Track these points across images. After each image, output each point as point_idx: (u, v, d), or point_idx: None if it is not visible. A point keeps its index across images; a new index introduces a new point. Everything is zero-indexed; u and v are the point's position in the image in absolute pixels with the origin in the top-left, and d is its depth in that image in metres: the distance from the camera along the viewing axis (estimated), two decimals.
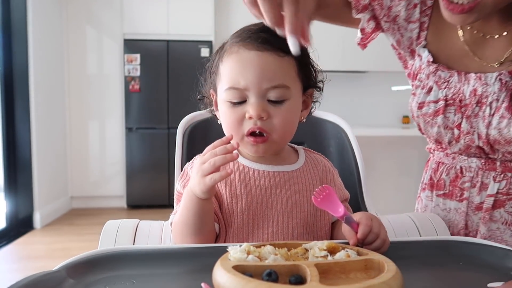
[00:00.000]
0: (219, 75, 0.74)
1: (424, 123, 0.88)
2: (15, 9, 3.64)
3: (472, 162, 0.87)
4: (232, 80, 0.69)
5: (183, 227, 0.69)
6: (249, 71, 0.68)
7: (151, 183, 4.48)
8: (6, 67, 3.60)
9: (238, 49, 0.70)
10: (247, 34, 0.71)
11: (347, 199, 0.82)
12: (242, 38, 0.71)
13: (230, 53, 0.71)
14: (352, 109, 4.85)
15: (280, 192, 0.73)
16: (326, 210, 0.64)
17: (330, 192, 0.64)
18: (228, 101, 0.70)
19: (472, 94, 0.82)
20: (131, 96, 4.44)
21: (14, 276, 2.55)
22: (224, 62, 0.72)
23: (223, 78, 0.72)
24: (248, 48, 0.69)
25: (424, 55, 0.88)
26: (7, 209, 3.59)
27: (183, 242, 0.70)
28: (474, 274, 0.58)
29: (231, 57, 0.71)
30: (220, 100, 0.73)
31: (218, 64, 0.74)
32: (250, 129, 0.69)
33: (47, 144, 3.99)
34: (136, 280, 0.53)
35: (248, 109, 0.68)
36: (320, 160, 0.81)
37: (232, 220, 0.71)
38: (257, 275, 0.47)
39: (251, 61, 0.68)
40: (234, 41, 0.72)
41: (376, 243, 0.62)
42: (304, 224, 0.73)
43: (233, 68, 0.70)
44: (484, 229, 0.87)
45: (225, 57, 0.72)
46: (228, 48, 0.72)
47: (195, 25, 4.50)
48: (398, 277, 0.46)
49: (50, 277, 0.50)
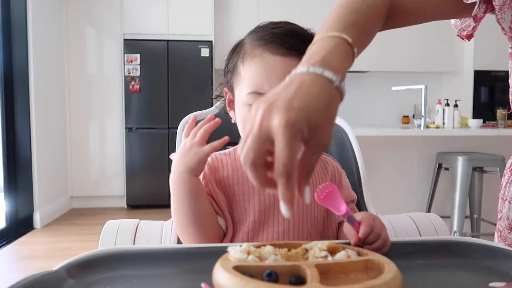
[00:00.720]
0: (238, 76, 0.73)
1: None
2: (15, 9, 3.64)
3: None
4: (256, 85, 0.69)
5: (179, 215, 0.69)
6: (275, 77, 0.67)
7: (151, 183, 4.48)
8: (6, 67, 3.60)
9: (261, 53, 0.69)
10: (271, 37, 0.70)
11: (353, 201, 0.83)
12: (266, 41, 0.70)
13: (253, 56, 0.70)
14: (352, 109, 4.85)
15: None
16: (329, 208, 0.64)
17: (333, 190, 0.63)
18: (249, 105, 0.70)
19: None
20: (131, 96, 4.44)
21: (14, 276, 2.54)
22: (247, 64, 0.71)
23: (245, 81, 0.71)
24: (272, 52, 0.69)
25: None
26: (7, 209, 3.59)
27: (185, 233, 0.69)
28: (475, 274, 0.58)
29: (254, 61, 0.70)
30: (239, 101, 0.73)
31: (238, 65, 0.73)
32: None
33: (47, 144, 3.99)
34: (136, 280, 0.53)
35: None
36: (328, 161, 0.82)
37: (244, 218, 0.71)
38: (257, 276, 0.46)
39: (277, 66, 0.68)
40: (256, 44, 0.71)
41: (378, 243, 0.62)
42: (315, 224, 0.73)
43: (257, 73, 0.69)
44: None
45: (247, 59, 0.71)
46: (249, 50, 0.71)
47: (195, 25, 4.51)
48: (398, 278, 0.46)
49: (50, 277, 0.50)
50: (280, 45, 0.68)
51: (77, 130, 4.52)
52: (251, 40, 0.72)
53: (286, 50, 0.68)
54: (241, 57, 0.73)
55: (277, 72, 0.68)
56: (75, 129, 4.51)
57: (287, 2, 4.76)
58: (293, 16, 4.96)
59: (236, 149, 0.79)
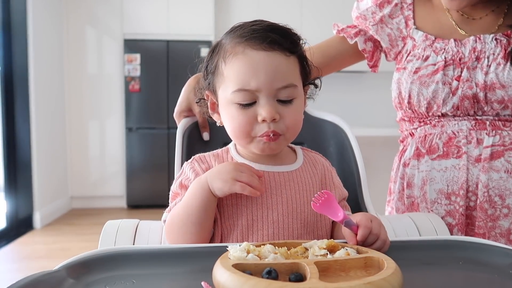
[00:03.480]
0: (221, 76, 0.72)
1: (419, 85, 0.96)
2: (15, 9, 3.64)
3: (462, 125, 0.94)
4: (241, 82, 0.68)
5: (183, 217, 0.68)
6: (261, 72, 0.67)
7: (151, 183, 4.48)
8: (6, 67, 3.60)
9: (243, 49, 0.68)
10: (252, 34, 0.69)
11: (345, 198, 0.82)
12: (246, 37, 0.69)
13: (235, 53, 0.69)
14: (352, 109, 4.85)
15: (280, 192, 0.72)
16: (326, 215, 0.64)
17: (329, 197, 0.63)
18: (236, 103, 0.69)
19: (472, 51, 0.94)
20: (131, 96, 4.44)
21: (14, 276, 2.55)
22: (229, 63, 0.70)
23: (230, 80, 0.70)
24: (255, 48, 0.68)
25: (417, 35, 1.00)
26: (7, 209, 3.59)
27: (178, 235, 0.69)
28: (474, 273, 0.58)
29: (237, 58, 0.69)
30: (225, 102, 0.71)
31: (219, 65, 0.72)
32: (264, 133, 0.68)
33: (47, 144, 4.00)
34: (136, 280, 0.53)
35: (260, 112, 0.67)
36: (318, 159, 0.81)
37: (232, 222, 0.70)
38: (257, 274, 0.47)
39: (262, 62, 0.67)
40: (236, 41, 0.70)
41: (377, 244, 0.62)
42: (305, 224, 0.72)
43: (242, 70, 0.68)
44: (485, 178, 0.91)
45: (229, 57, 0.70)
46: (229, 49, 0.70)
47: (195, 25, 4.51)
48: (398, 274, 0.46)
49: (50, 277, 0.50)
50: (262, 40, 0.67)
51: (77, 130, 4.52)
52: (231, 39, 0.71)
53: (268, 45, 0.67)
54: (221, 57, 0.71)
55: (262, 67, 0.67)
56: (75, 129, 4.51)
57: (287, 2, 4.76)
58: (293, 16, 4.93)
59: (224, 151, 0.78)
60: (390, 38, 1.04)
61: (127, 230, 0.80)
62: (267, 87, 0.67)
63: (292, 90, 0.69)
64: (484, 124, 0.93)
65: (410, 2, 1.03)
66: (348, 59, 1.11)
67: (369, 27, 1.04)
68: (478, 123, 0.93)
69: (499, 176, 0.91)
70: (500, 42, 0.93)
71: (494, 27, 0.96)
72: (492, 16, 0.98)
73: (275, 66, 0.68)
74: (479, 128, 0.93)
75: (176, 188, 0.75)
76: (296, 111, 0.71)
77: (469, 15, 0.98)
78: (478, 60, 0.93)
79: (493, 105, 0.92)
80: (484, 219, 0.92)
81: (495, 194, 0.91)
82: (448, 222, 0.95)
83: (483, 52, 0.93)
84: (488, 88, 0.91)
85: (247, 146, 0.72)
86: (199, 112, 0.97)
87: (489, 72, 0.91)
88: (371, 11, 1.04)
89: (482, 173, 0.91)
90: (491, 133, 0.92)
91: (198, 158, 0.77)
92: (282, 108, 0.69)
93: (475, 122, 0.93)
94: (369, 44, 1.07)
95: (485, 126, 0.93)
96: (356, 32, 1.06)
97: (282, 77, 0.68)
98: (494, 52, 0.92)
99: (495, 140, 0.92)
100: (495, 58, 0.92)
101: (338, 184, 0.81)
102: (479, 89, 0.91)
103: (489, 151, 0.92)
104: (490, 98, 0.91)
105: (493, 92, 0.91)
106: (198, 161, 0.76)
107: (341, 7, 4.31)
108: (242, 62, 0.68)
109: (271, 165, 0.74)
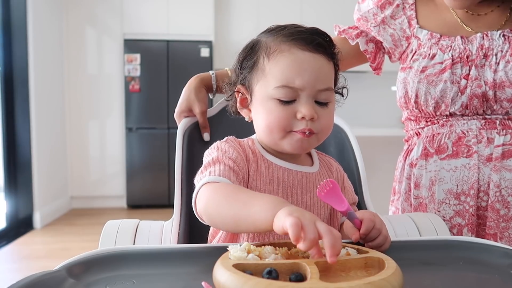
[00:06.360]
0: (261, 72, 0.72)
1: (426, 84, 0.94)
2: (15, 9, 3.64)
3: (472, 125, 0.93)
4: (286, 79, 0.68)
5: (214, 214, 0.63)
6: (306, 72, 0.68)
7: (151, 183, 4.48)
8: (6, 67, 3.60)
9: (290, 48, 0.69)
10: (298, 34, 0.70)
11: (355, 203, 0.83)
12: (293, 37, 0.70)
13: (281, 51, 0.70)
14: (352, 109, 4.84)
15: (301, 192, 0.73)
16: (330, 205, 0.64)
17: (335, 186, 0.63)
18: (276, 99, 0.69)
19: (480, 49, 0.93)
20: (131, 96, 4.44)
21: (14, 276, 2.55)
22: (273, 59, 0.70)
23: (272, 76, 0.70)
24: (301, 48, 0.69)
25: (422, 34, 1.00)
26: (7, 209, 3.59)
27: (213, 216, 0.64)
28: (474, 273, 0.58)
29: (283, 55, 0.69)
30: (264, 97, 0.71)
31: (260, 61, 0.72)
32: (300, 129, 0.69)
33: (47, 144, 3.99)
34: (136, 280, 0.53)
35: (300, 109, 0.68)
36: (333, 163, 0.83)
37: None
38: (257, 274, 0.47)
39: (308, 62, 0.69)
40: (282, 39, 0.70)
41: (379, 239, 0.63)
42: None
43: (288, 67, 0.69)
44: (497, 178, 0.91)
45: (273, 54, 0.70)
46: (274, 46, 0.71)
47: (195, 25, 4.51)
48: (398, 274, 0.46)
49: (50, 277, 0.50)
50: (310, 41, 0.69)
51: (77, 130, 4.52)
52: (274, 37, 0.72)
53: (314, 47, 0.69)
54: (264, 53, 0.72)
55: (307, 67, 0.68)
56: (75, 129, 4.51)
57: (287, 2, 4.76)
58: (293, 16, 4.93)
59: (250, 141, 0.77)
60: (393, 38, 1.03)
61: (127, 230, 0.80)
62: (309, 87, 0.69)
63: (329, 93, 0.71)
64: (494, 123, 0.92)
65: (412, 2, 1.03)
66: (350, 60, 1.10)
67: (371, 28, 1.04)
68: (487, 122, 0.92)
69: (510, 176, 0.91)
70: (508, 39, 0.92)
71: (500, 23, 0.95)
72: (498, 11, 0.97)
73: (319, 68, 0.69)
74: (489, 127, 0.92)
75: (213, 154, 0.72)
76: (330, 114, 0.73)
77: (474, 12, 0.98)
78: (486, 58, 0.92)
79: (502, 104, 0.91)
80: (496, 219, 0.91)
81: (508, 194, 0.91)
82: (458, 223, 0.94)
83: (491, 49, 0.92)
84: (497, 87, 0.90)
85: (279, 141, 0.71)
86: (199, 112, 0.97)
87: (498, 70, 0.90)
88: (372, 12, 1.04)
89: (493, 173, 0.91)
90: (502, 132, 0.92)
91: (233, 138, 0.77)
92: (319, 109, 0.70)
93: (485, 121, 0.92)
94: (371, 45, 1.07)
95: (495, 125, 0.92)
96: (357, 33, 1.06)
97: (323, 79, 0.70)
98: (502, 49, 0.92)
99: (506, 139, 0.91)
100: (504, 55, 0.91)
101: (349, 189, 0.83)
102: (488, 88, 0.90)
103: (501, 150, 0.91)
104: (499, 97, 0.90)
105: (502, 91, 0.90)
106: (233, 140, 0.76)
107: (341, 8, 4.31)
108: (288, 60, 0.69)
109: (294, 164, 0.75)
